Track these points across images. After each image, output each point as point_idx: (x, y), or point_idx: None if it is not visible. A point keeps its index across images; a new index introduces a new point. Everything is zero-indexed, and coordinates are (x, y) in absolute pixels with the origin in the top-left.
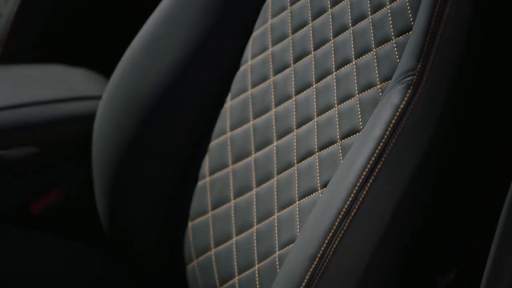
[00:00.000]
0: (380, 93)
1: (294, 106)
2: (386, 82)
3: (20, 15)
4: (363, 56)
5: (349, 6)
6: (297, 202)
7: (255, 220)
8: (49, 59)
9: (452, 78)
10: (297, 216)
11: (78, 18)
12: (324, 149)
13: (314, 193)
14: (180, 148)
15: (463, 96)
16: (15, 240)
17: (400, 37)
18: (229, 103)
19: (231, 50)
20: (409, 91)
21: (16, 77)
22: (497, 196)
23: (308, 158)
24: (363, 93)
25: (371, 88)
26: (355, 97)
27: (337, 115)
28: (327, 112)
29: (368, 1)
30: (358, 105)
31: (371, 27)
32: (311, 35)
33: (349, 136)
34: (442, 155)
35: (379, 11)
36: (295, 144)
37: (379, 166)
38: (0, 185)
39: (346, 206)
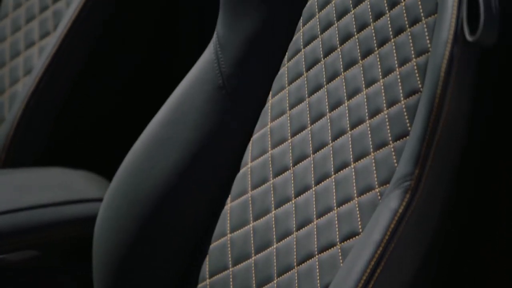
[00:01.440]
0: (379, 197)
1: (293, 208)
2: (385, 186)
3: (23, 120)
4: (362, 160)
5: (347, 111)
6: None
7: None
8: (50, 162)
9: (450, 181)
10: None
11: (80, 123)
12: (324, 252)
13: None
14: (180, 251)
15: (463, 197)
16: None
17: (398, 142)
18: (229, 205)
19: (231, 152)
20: (407, 196)
21: (17, 181)
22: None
23: (308, 261)
24: (362, 196)
25: (370, 192)
26: (354, 200)
27: (336, 218)
28: (326, 215)
29: (366, 107)
30: (357, 209)
31: (369, 132)
32: (310, 138)
33: (349, 239)
34: (443, 252)
35: (377, 116)
36: (295, 246)
37: (378, 270)
38: None
39: None
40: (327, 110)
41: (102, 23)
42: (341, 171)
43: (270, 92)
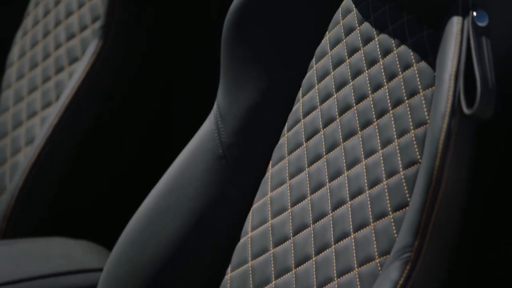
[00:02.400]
0: (379, 268)
1: (294, 279)
2: (385, 257)
3: (24, 190)
4: (361, 230)
5: (346, 181)
6: None
7: None
8: (51, 232)
9: (450, 252)
10: None
11: (81, 193)
12: None
13: None
14: None
15: (462, 267)
16: None
17: (397, 212)
18: (229, 275)
19: (232, 221)
20: (408, 267)
21: (18, 252)
22: None
23: None
24: (362, 267)
25: (370, 262)
26: (354, 271)
27: None
28: (327, 286)
29: (365, 177)
30: (358, 279)
31: (369, 202)
32: (310, 208)
33: None
34: None
35: (376, 186)
36: None
37: None
38: None
39: None
40: (327, 180)
41: (104, 94)
42: (341, 241)
43: (270, 162)
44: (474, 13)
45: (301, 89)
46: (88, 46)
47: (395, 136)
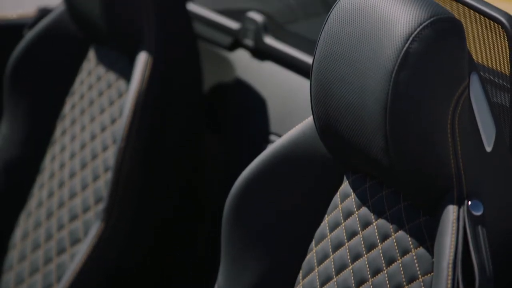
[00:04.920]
0: None
1: None
2: None
3: None
4: None
5: None
6: None
7: None
8: None
9: None
10: None
11: None
12: None
13: None
14: None
15: None
16: None
17: None
18: None
19: None
20: None
21: None
22: None
23: None
24: None
25: None
26: None
27: None
28: None
29: None
30: None
31: None
32: None
33: None
34: None
35: None
36: None
37: None
38: None
39: None
40: None
41: (106, 277)
42: None
43: None
44: (469, 202)
45: (301, 271)
46: (91, 228)
47: None
